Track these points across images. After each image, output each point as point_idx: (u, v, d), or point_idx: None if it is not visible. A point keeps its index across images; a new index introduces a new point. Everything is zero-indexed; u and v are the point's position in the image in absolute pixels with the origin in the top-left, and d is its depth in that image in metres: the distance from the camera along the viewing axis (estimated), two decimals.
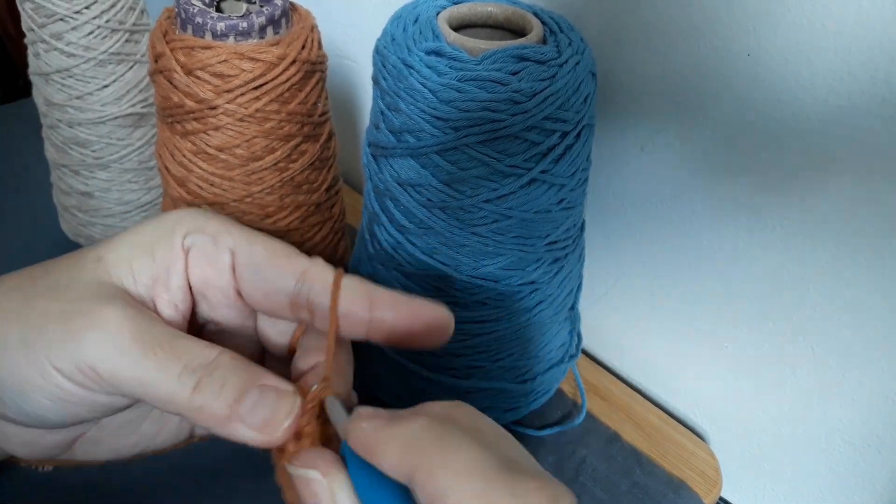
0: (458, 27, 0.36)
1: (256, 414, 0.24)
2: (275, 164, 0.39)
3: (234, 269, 0.27)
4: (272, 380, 0.25)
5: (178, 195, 0.41)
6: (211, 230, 0.27)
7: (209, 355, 0.25)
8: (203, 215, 0.28)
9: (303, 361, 0.28)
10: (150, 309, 0.26)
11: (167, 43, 0.36)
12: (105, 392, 0.25)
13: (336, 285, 0.26)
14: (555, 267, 0.38)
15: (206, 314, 0.29)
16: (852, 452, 0.42)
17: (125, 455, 0.30)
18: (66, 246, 0.57)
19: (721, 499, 0.51)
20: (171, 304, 0.27)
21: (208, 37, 0.36)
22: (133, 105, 0.50)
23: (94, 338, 0.24)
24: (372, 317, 0.26)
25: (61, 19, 0.46)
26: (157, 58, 0.37)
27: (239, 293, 0.28)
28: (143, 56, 0.50)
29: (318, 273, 0.27)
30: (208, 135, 0.38)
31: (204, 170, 0.38)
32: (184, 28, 0.36)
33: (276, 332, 0.30)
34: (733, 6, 0.36)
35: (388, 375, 0.43)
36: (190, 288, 0.28)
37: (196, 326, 0.29)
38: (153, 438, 0.30)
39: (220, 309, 0.28)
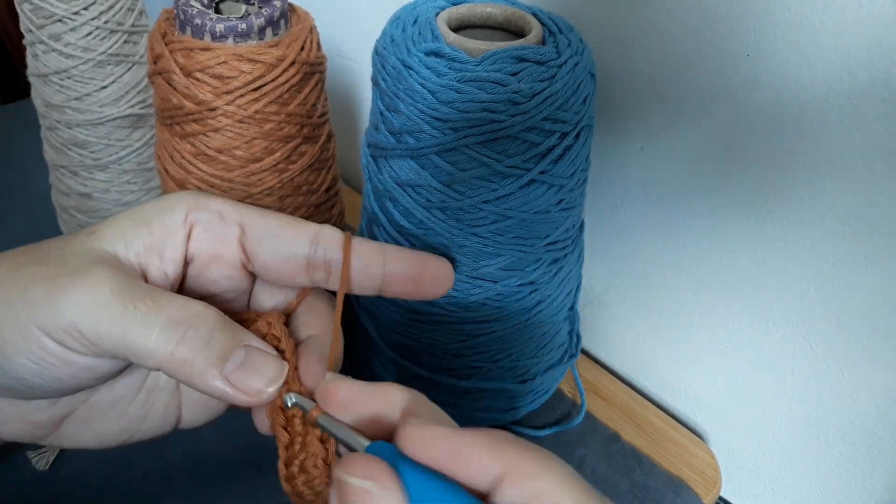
0: (458, 28, 0.36)
1: (242, 373, 0.24)
2: (274, 166, 0.39)
3: (241, 243, 0.28)
4: (259, 343, 0.26)
5: None
6: (215, 207, 0.28)
7: (194, 308, 0.25)
8: (205, 194, 0.29)
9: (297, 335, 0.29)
10: (138, 274, 0.27)
11: (166, 44, 0.36)
12: (89, 353, 0.25)
13: (346, 248, 0.28)
14: (554, 267, 0.38)
15: (200, 288, 0.29)
16: (852, 452, 0.42)
17: (111, 442, 0.30)
18: None
19: (720, 498, 0.51)
20: (162, 272, 0.27)
21: (207, 38, 0.36)
22: (132, 106, 0.50)
23: (76, 294, 0.24)
24: (386, 271, 0.28)
25: (60, 20, 0.46)
26: (156, 59, 0.37)
27: (244, 266, 0.29)
28: (141, 57, 0.50)
29: (332, 235, 0.28)
30: (207, 136, 0.38)
31: (203, 171, 0.38)
32: (183, 29, 0.36)
33: (273, 306, 0.30)
34: (733, 6, 0.36)
35: (387, 375, 0.43)
36: (185, 261, 0.28)
37: None
38: (140, 424, 0.30)
39: (220, 282, 0.29)
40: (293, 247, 0.28)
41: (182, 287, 0.29)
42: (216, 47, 0.35)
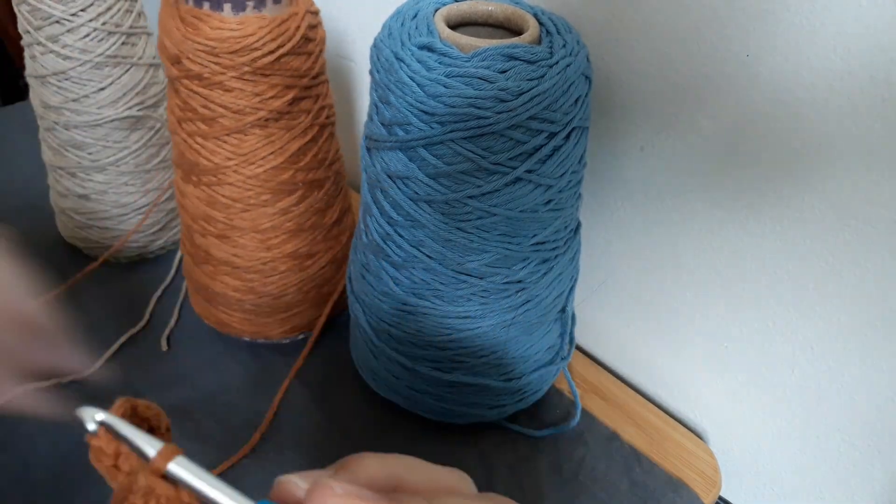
0: (458, 24, 0.36)
1: None
2: None
3: None
4: None
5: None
6: None
7: None
8: None
9: None
10: None
11: None
12: None
13: None
14: (543, 268, 0.38)
15: None
16: (852, 452, 0.42)
17: None
18: (62, 248, 0.57)
19: (720, 498, 0.51)
20: None
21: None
22: (130, 108, 0.50)
23: None
24: None
25: (57, 21, 0.46)
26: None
27: None
28: (139, 59, 0.50)
29: None
30: None
31: None
32: None
33: None
34: (733, 6, 0.35)
35: (374, 360, 0.43)
36: None
37: None
38: None
39: None
40: None
41: None
42: None
